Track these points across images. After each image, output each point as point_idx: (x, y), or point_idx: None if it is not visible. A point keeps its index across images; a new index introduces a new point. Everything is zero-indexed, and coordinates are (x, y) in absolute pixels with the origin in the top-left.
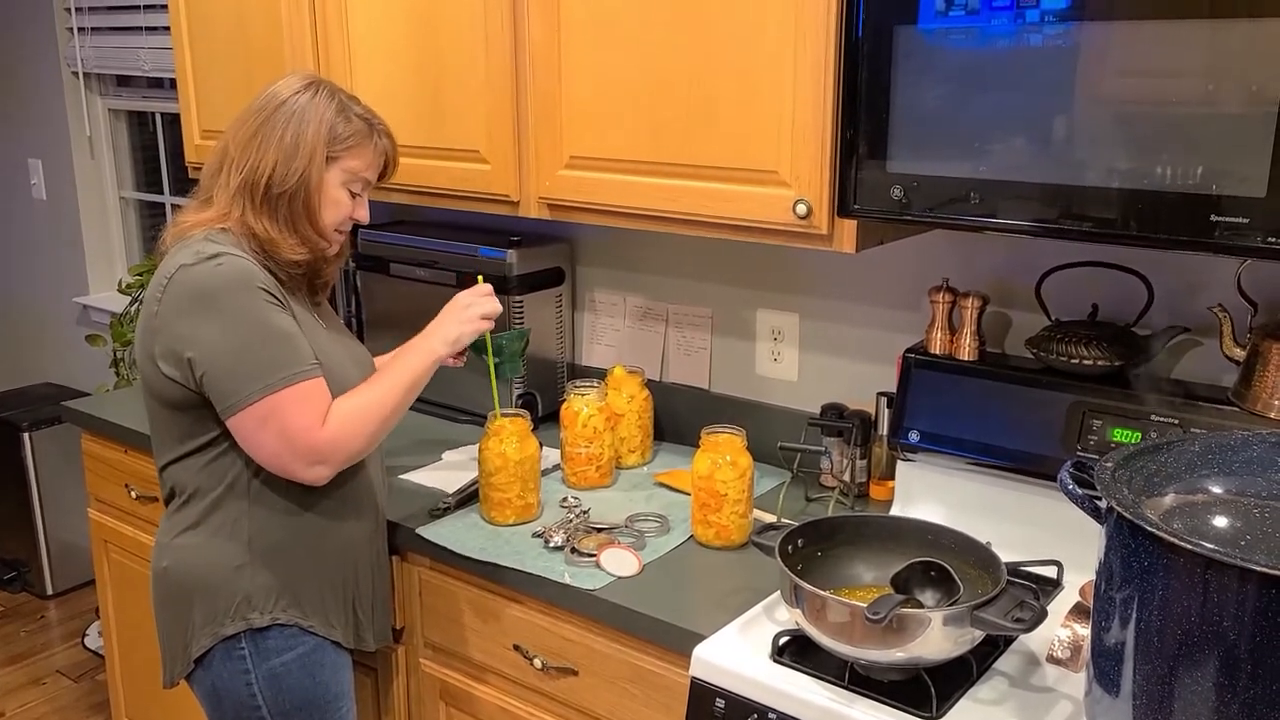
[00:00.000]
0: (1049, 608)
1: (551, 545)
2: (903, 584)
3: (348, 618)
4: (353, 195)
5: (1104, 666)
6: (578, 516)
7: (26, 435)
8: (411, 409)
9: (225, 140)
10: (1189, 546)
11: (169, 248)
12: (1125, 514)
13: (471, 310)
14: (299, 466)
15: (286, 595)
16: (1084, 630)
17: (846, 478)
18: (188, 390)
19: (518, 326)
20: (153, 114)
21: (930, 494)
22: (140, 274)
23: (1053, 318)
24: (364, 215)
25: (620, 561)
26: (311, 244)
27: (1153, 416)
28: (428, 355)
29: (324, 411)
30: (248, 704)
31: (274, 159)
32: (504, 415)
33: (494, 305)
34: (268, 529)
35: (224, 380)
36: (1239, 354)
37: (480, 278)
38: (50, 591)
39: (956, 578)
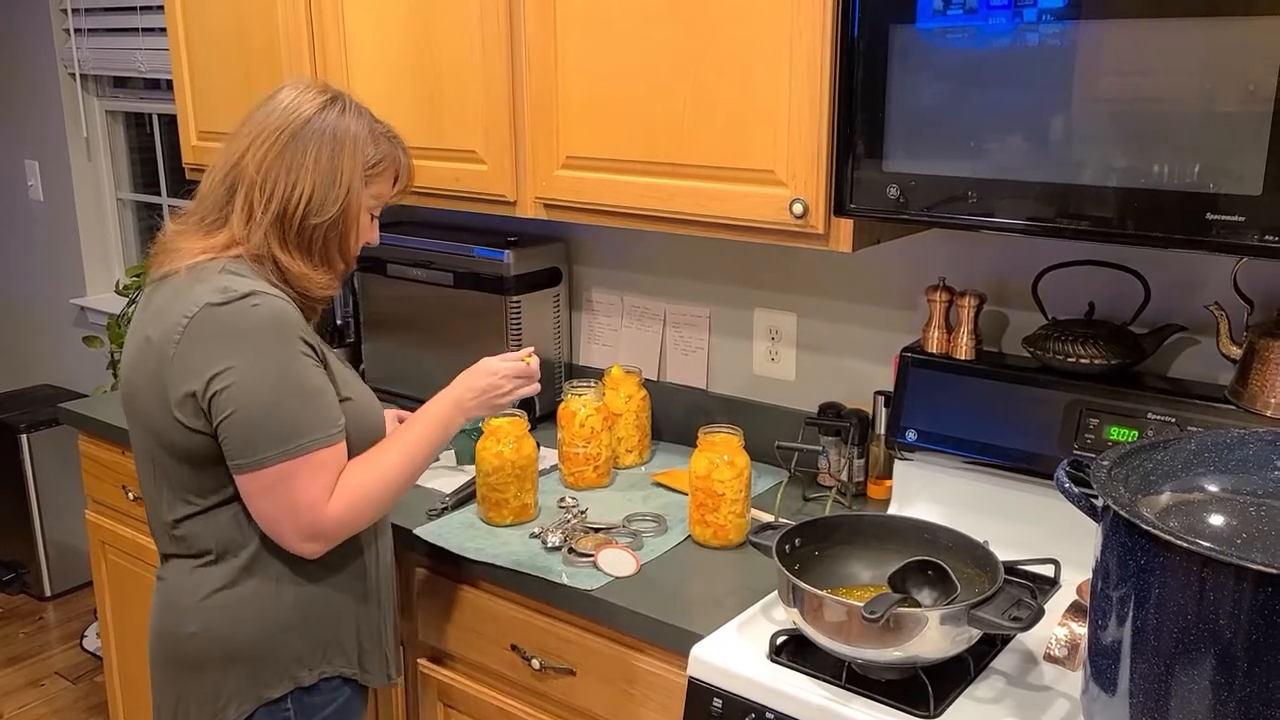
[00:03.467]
0: (1046, 606)
1: (549, 545)
2: (900, 583)
3: (381, 658)
4: (372, 218)
5: (1101, 665)
6: (575, 517)
7: (24, 437)
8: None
9: (236, 156)
10: (1185, 545)
11: (175, 274)
12: (1122, 512)
13: (510, 398)
14: (294, 540)
15: (333, 647)
16: (1081, 629)
17: (844, 477)
18: (211, 439)
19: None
20: (150, 115)
21: (927, 493)
22: (137, 275)
23: (1049, 316)
24: (375, 238)
25: (618, 562)
26: (340, 275)
27: (1149, 415)
28: (448, 430)
29: (333, 484)
30: None
31: (309, 186)
32: (501, 415)
33: (534, 388)
34: (312, 585)
35: (243, 434)
36: (1236, 352)
37: (531, 353)
38: (48, 593)
39: (954, 577)
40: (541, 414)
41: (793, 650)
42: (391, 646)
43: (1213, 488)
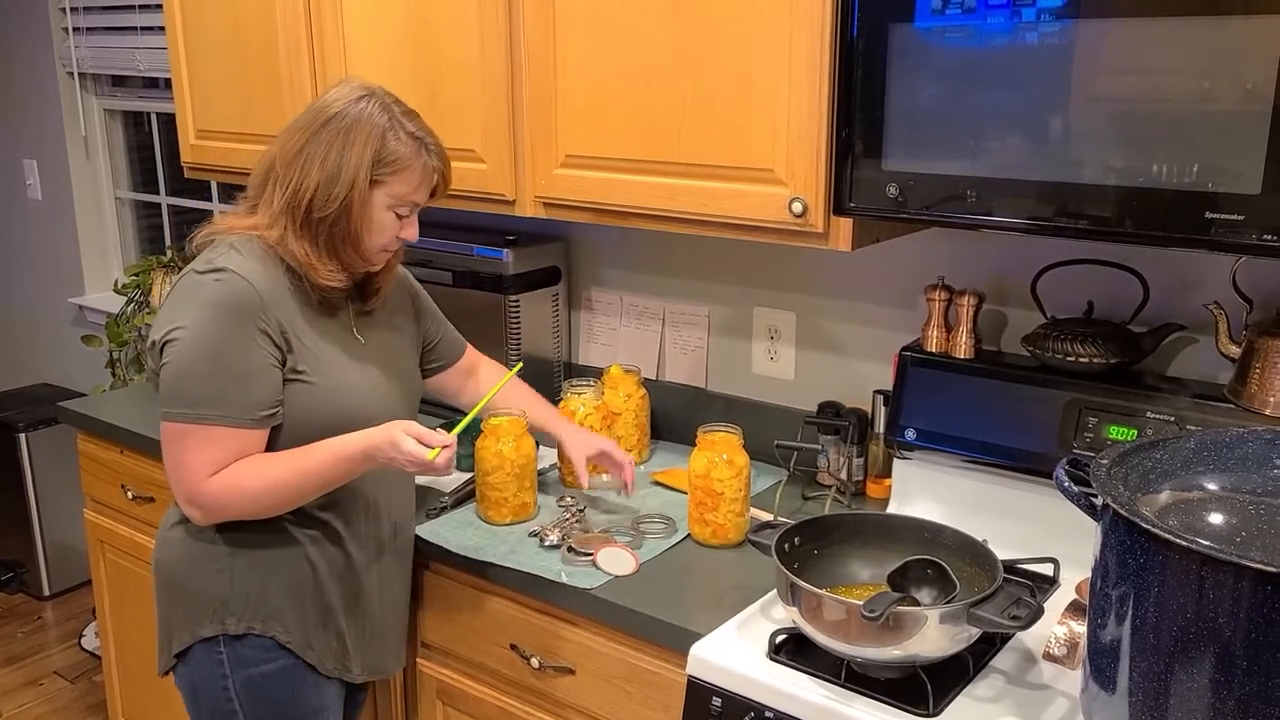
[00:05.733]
0: (1045, 605)
1: (548, 544)
2: (899, 582)
3: (329, 643)
4: (400, 217)
5: (1100, 663)
6: (574, 516)
7: (22, 436)
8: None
9: (274, 149)
10: (1184, 543)
11: (200, 247)
12: (1121, 511)
13: (404, 466)
14: (178, 497)
15: (265, 608)
16: (1080, 627)
17: (843, 476)
18: None
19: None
20: (148, 114)
21: (927, 492)
22: (136, 274)
23: (1048, 315)
24: (413, 235)
25: (617, 560)
26: (352, 269)
27: (1148, 414)
28: (352, 472)
29: (223, 463)
30: (224, 708)
31: (316, 181)
32: (499, 415)
33: (432, 472)
34: (249, 538)
35: (166, 384)
36: (1234, 351)
37: (447, 446)
38: (47, 592)
39: (953, 575)
40: None
41: (792, 649)
42: (360, 642)
43: (1212, 486)
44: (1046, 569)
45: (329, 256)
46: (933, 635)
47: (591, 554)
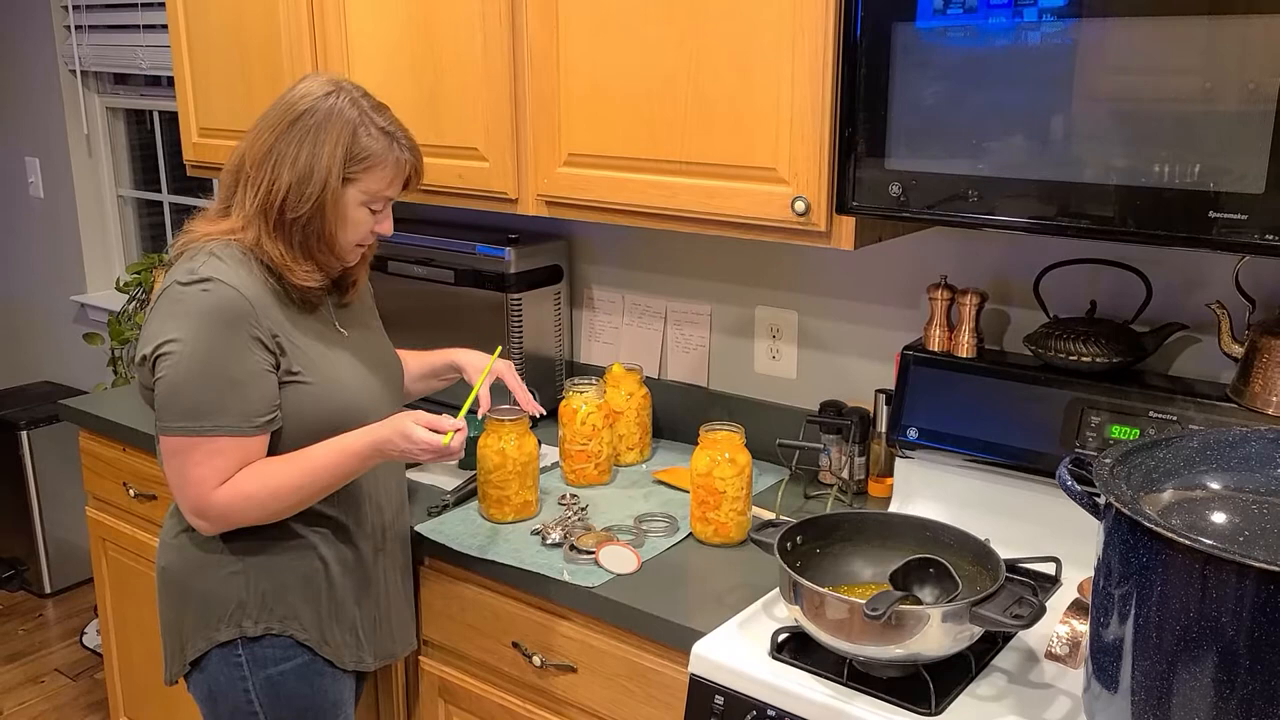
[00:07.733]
0: (1047, 604)
1: (549, 542)
2: (901, 580)
3: (344, 637)
4: (373, 212)
5: (1103, 662)
6: (576, 514)
7: (24, 434)
8: (405, 406)
9: (242, 148)
10: (1187, 542)
11: (180, 253)
12: (1124, 510)
13: (418, 455)
14: (185, 510)
15: (281, 607)
16: (1083, 626)
17: (845, 475)
18: None
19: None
20: (150, 112)
21: (929, 491)
22: (138, 272)
23: (1051, 315)
24: (387, 229)
25: (619, 559)
26: (327, 267)
27: (1151, 413)
28: (362, 465)
29: (228, 472)
30: (244, 710)
31: (287, 182)
32: (498, 413)
33: (447, 457)
34: (260, 540)
35: (163, 399)
36: (1237, 350)
37: (459, 430)
38: (48, 590)
39: (955, 574)
40: None
41: (794, 648)
42: (370, 632)
43: (1215, 485)
44: (1049, 568)
45: (304, 257)
46: (935, 634)
47: (593, 552)
